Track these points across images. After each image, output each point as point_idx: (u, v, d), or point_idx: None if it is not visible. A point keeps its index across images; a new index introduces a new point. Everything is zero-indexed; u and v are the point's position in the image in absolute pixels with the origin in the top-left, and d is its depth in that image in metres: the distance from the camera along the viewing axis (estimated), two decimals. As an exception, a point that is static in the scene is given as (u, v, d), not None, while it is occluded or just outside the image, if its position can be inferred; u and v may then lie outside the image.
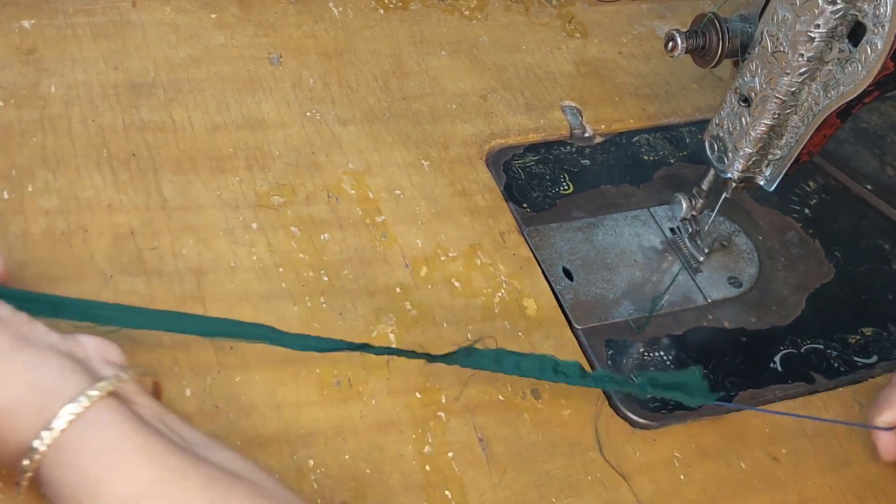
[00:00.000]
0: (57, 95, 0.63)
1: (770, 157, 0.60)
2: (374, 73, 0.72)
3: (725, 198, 0.63)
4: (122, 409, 0.42)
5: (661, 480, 0.56)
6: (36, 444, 0.41)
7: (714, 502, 0.56)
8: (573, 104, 0.75)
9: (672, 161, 0.74)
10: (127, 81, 0.66)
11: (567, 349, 0.60)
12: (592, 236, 0.68)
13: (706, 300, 0.66)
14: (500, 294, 0.62)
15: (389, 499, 0.51)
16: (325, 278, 0.59)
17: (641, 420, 0.58)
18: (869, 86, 0.52)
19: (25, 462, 0.41)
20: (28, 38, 0.66)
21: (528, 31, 0.80)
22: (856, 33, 0.52)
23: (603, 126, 0.75)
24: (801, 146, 0.58)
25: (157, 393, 0.47)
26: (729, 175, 0.61)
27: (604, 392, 0.59)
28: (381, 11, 0.77)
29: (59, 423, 0.41)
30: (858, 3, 0.51)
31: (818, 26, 0.52)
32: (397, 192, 0.65)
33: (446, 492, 0.52)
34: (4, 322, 0.44)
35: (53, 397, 0.42)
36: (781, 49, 0.54)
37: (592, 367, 0.60)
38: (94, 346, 0.46)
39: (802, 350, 0.64)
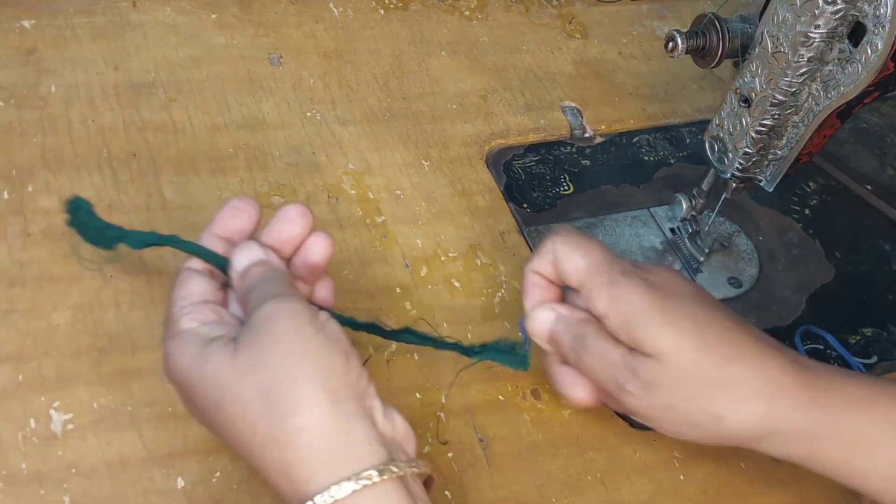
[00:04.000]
0: (57, 95, 0.63)
1: (770, 157, 0.60)
2: (374, 73, 0.73)
3: (725, 198, 0.63)
4: (406, 497, 0.42)
5: (661, 480, 0.56)
6: (333, 490, 0.41)
7: (714, 502, 0.56)
8: (573, 104, 0.75)
9: (672, 161, 0.74)
10: (127, 81, 0.66)
11: (567, 349, 0.60)
12: (593, 236, 0.68)
13: (706, 300, 0.66)
14: (500, 294, 0.62)
15: (389, 499, 0.51)
16: (326, 278, 0.59)
17: (641, 420, 0.58)
18: (869, 86, 0.52)
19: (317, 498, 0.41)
20: (28, 38, 0.66)
21: (528, 32, 0.80)
22: (856, 34, 0.52)
23: (603, 126, 0.75)
24: (801, 146, 0.58)
25: (428, 486, 0.47)
26: (729, 175, 0.61)
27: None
28: (381, 11, 0.77)
29: (357, 484, 0.41)
30: (858, 4, 0.51)
31: (818, 27, 0.52)
32: (397, 192, 0.65)
33: (446, 492, 0.52)
34: (348, 368, 0.44)
35: (355, 456, 0.42)
36: (781, 49, 0.54)
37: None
38: (401, 430, 0.46)
39: (802, 350, 0.64)
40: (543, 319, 0.53)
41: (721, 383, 0.48)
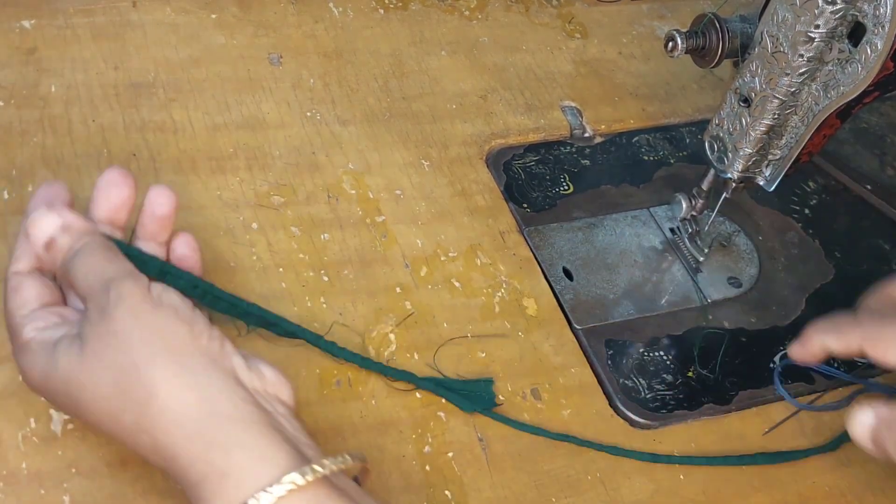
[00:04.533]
0: (57, 95, 0.63)
1: (770, 157, 0.60)
2: (374, 73, 0.73)
3: (725, 198, 0.63)
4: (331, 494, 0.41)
5: (661, 480, 0.56)
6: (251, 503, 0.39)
7: (714, 502, 0.56)
8: (573, 104, 0.75)
9: (672, 161, 0.74)
10: (127, 81, 0.66)
11: (567, 349, 0.60)
12: (592, 236, 0.68)
13: (706, 300, 0.66)
14: (500, 294, 0.62)
15: (389, 499, 0.51)
16: (325, 278, 0.59)
17: (641, 420, 0.58)
18: (869, 86, 0.52)
19: None
20: (28, 38, 0.66)
21: (528, 31, 0.80)
22: (856, 33, 0.52)
23: (603, 126, 0.75)
24: (801, 146, 0.58)
25: (363, 479, 0.45)
26: (729, 175, 0.61)
27: (604, 392, 0.59)
28: (381, 11, 0.77)
29: (279, 490, 0.39)
30: (858, 4, 0.51)
31: (818, 27, 0.52)
32: (397, 192, 0.65)
33: (446, 492, 0.52)
34: (194, 335, 0.43)
35: (228, 418, 0.41)
36: (781, 49, 0.54)
37: (592, 367, 0.60)
38: (272, 380, 0.45)
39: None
40: (864, 422, 0.52)
41: None
